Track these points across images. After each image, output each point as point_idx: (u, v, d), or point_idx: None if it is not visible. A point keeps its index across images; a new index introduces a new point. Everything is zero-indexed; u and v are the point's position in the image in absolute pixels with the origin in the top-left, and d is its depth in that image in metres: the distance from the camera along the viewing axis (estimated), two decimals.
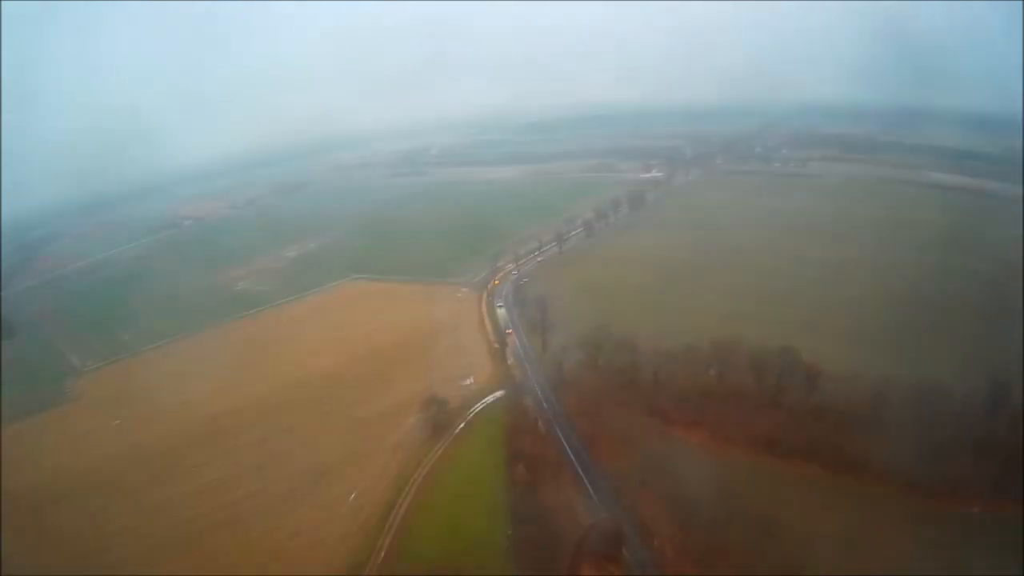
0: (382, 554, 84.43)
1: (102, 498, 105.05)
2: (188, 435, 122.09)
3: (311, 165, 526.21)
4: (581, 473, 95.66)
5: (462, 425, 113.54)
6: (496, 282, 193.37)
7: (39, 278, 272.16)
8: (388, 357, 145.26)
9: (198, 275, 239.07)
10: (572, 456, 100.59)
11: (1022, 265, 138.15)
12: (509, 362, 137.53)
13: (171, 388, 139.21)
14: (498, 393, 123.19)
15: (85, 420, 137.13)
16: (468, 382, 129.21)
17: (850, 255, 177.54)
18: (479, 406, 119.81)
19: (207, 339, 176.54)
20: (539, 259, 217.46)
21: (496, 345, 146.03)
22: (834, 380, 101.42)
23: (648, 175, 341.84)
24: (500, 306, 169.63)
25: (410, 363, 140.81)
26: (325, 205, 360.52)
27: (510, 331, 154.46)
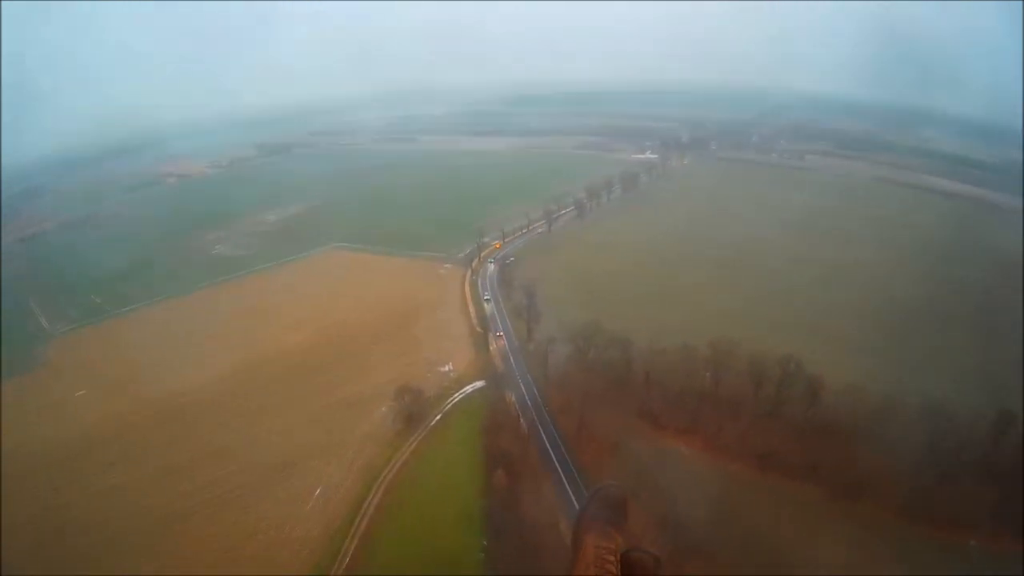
0: (346, 561, 77.19)
1: (51, 480, 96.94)
2: (150, 412, 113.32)
3: (298, 127, 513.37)
4: (565, 482, 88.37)
5: (438, 417, 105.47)
6: (481, 259, 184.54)
7: (15, 235, 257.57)
8: (364, 335, 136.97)
9: (176, 236, 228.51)
10: (555, 461, 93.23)
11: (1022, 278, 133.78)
12: (491, 348, 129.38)
13: (138, 358, 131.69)
14: (478, 383, 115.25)
15: (50, 389, 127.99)
16: (447, 368, 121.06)
17: (851, 257, 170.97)
18: (457, 396, 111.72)
19: (179, 305, 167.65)
20: (527, 237, 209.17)
21: (478, 329, 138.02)
22: (834, 392, 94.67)
23: (642, 157, 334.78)
24: (487, 297, 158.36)
25: (387, 343, 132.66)
26: (310, 169, 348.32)
27: (493, 314, 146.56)
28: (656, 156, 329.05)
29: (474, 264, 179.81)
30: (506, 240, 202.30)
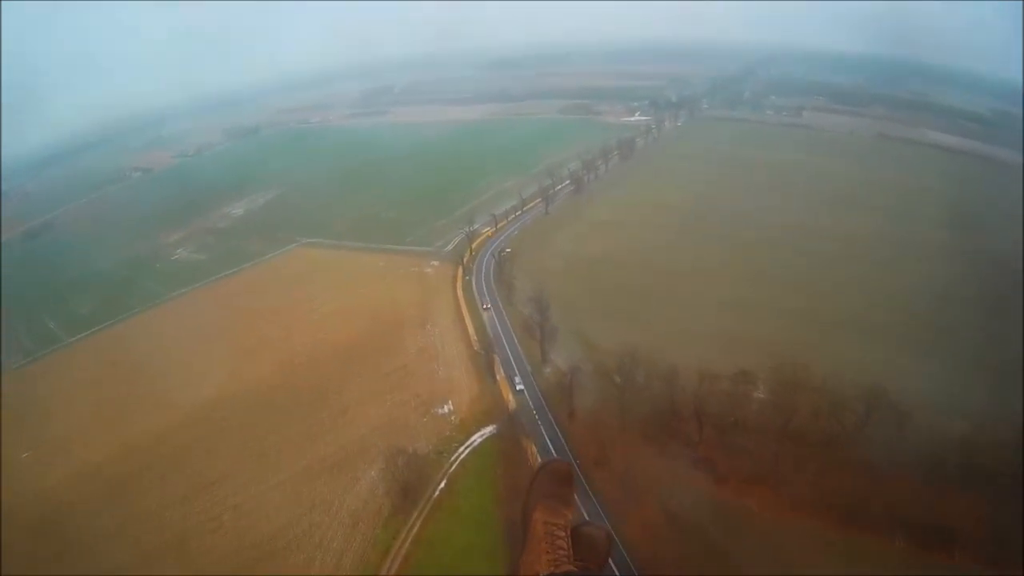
0: None
1: None
2: (94, 483, 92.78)
3: (267, 105, 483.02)
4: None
5: (442, 485, 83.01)
6: (472, 251, 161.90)
7: None
8: (340, 363, 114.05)
9: (135, 240, 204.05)
10: None
11: None
12: (498, 377, 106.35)
13: (84, 404, 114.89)
14: (487, 429, 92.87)
15: None
16: (446, 410, 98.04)
17: (873, 229, 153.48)
18: (463, 451, 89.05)
19: (132, 329, 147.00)
20: (522, 221, 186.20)
21: (479, 349, 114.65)
22: (912, 418, 77.86)
23: (632, 119, 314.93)
24: (486, 307, 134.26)
25: (369, 374, 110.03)
26: (278, 152, 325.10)
27: (495, 329, 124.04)
28: (648, 118, 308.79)
29: (465, 259, 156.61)
30: (499, 226, 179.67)
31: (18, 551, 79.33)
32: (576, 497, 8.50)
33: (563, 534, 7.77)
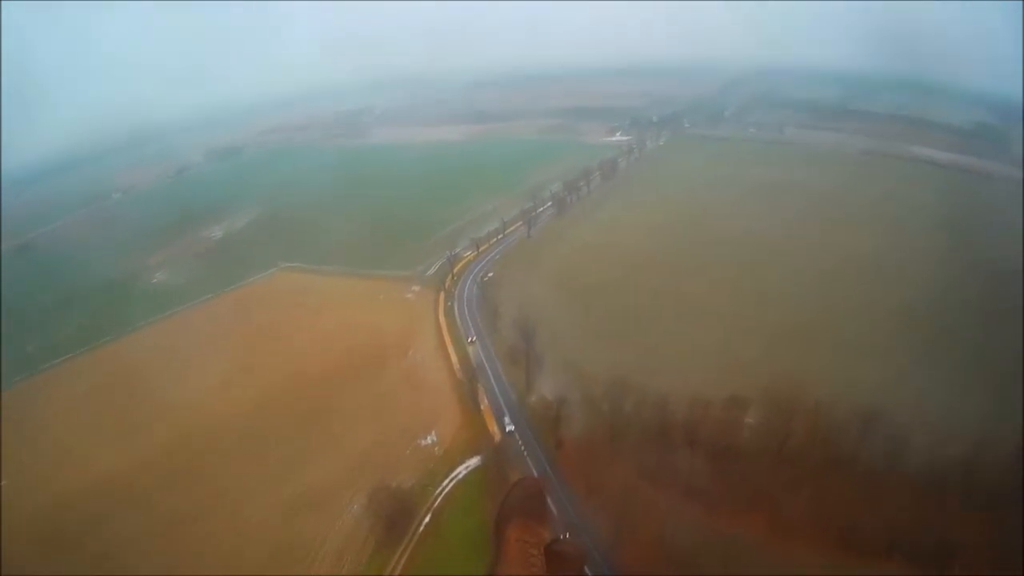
0: None
1: None
2: (72, 515, 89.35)
3: (249, 126, 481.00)
4: None
5: (427, 520, 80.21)
6: (454, 275, 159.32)
7: None
8: (320, 394, 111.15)
9: (116, 263, 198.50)
10: None
11: None
12: (483, 405, 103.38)
13: (62, 431, 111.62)
14: (472, 461, 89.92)
15: None
16: (429, 440, 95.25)
17: (868, 246, 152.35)
18: (448, 483, 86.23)
19: (112, 354, 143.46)
20: (505, 244, 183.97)
21: (461, 377, 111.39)
22: (911, 432, 77.57)
23: (613, 139, 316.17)
24: (471, 340, 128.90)
25: (351, 403, 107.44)
26: (259, 173, 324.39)
27: (478, 356, 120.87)
28: (629, 137, 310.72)
29: (447, 284, 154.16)
30: (480, 249, 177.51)
31: None
32: (551, 514, 8.96)
33: (536, 552, 7.79)
